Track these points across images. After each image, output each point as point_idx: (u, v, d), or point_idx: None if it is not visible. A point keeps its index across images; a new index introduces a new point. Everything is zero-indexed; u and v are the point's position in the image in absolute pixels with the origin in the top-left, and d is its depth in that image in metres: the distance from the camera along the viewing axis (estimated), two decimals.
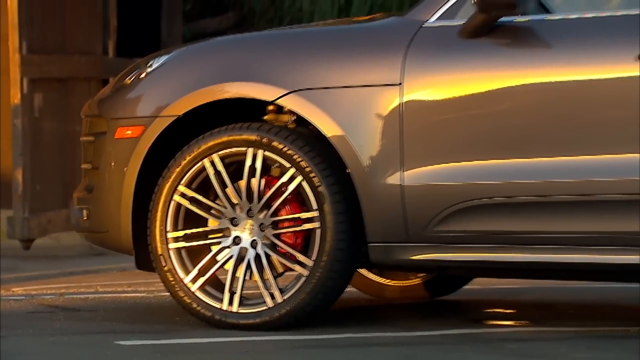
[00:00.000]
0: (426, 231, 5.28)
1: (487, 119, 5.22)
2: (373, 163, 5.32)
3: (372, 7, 10.50)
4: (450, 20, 5.34)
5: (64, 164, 8.91)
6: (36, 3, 8.74)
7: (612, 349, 5.12)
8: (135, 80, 5.76)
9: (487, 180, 5.19)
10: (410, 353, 5.08)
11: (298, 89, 5.42)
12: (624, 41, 5.10)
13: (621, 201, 5.05)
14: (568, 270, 5.28)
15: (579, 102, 5.13)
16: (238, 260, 5.45)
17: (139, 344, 5.25)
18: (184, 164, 5.48)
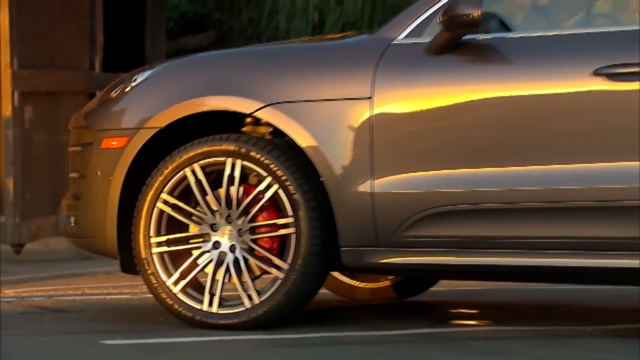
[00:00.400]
0: (395, 236, 5.29)
1: (452, 131, 5.23)
2: (345, 172, 5.32)
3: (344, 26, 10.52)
4: (417, 38, 5.35)
5: (53, 172, 8.89)
6: (27, 21, 8.73)
7: (566, 347, 5.13)
8: (120, 94, 5.75)
9: (452, 188, 5.19)
10: (380, 351, 5.08)
11: (274, 102, 5.42)
12: (581, 58, 5.12)
13: (577, 208, 5.07)
14: (528, 272, 5.29)
15: (539, 114, 5.14)
16: (217, 264, 5.44)
17: (124, 343, 5.23)
18: (166, 173, 5.48)
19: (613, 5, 5.96)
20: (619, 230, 5.02)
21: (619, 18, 5.85)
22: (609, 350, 5.06)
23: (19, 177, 8.65)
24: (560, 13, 5.76)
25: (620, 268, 5.07)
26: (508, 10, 5.47)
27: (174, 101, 5.55)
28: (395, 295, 6.42)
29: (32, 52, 8.83)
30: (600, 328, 5.57)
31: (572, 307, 6.35)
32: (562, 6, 5.82)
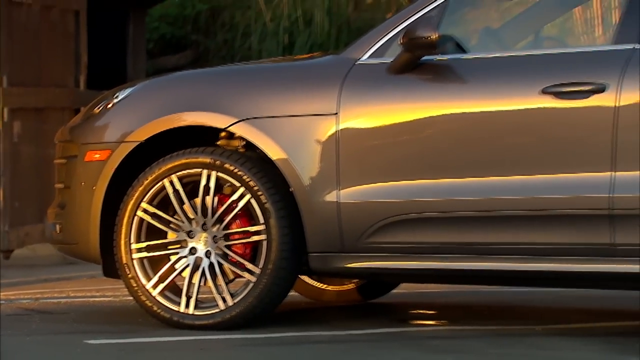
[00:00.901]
0: (359, 242, 5.29)
1: (411, 144, 5.24)
2: (313, 183, 5.32)
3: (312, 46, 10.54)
4: (380, 58, 5.36)
5: (39, 183, 8.86)
6: (16, 42, 8.71)
7: (517, 345, 5.15)
8: (103, 109, 5.74)
9: (412, 198, 5.20)
10: (345, 349, 5.09)
11: (247, 118, 5.42)
12: (530, 77, 5.13)
13: (525, 216, 5.09)
14: (481, 276, 5.30)
15: (492, 129, 5.15)
16: (194, 269, 5.43)
17: (106, 343, 5.22)
18: (146, 184, 5.47)
19: (559, 29, 6.02)
20: (565, 236, 5.04)
21: (565, 41, 5.90)
22: (555, 348, 5.08)
23: (8, 187, 8.62)
24: (511, 36, 5.80)
25: (564, 272, 5.09)
26: (463, 33, 5.49)
27: (154, 116, 5.54)
28: (359, 297, 6.42)
29: (20, 71, 8.81)
30: (547, 327, 5.59)
31: (522, 308, 6.37)
32: (513, 30, 5.86)
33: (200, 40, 12.04)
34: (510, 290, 6.71)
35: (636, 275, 5.02)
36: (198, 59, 11.91)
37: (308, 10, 10.77)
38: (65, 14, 9.30)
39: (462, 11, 5.59)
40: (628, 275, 5.02)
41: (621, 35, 5.10)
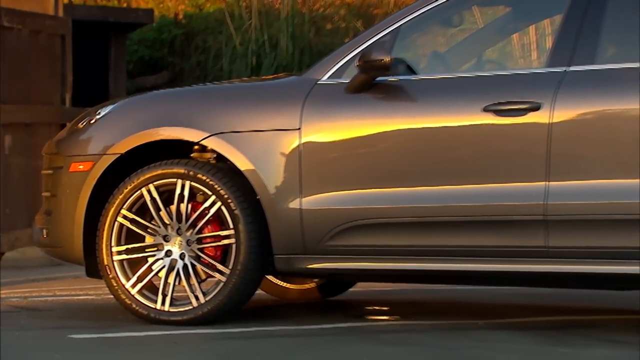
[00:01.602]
0: (320, 245, 5.30)
1: (366, 157, 5.25)
2: (278, 191, 5.32)
3: (277, 68, 10.55)
4: (338, 79, 5.37)
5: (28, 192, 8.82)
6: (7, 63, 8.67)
7: (462, 338, 5.17)
8: (86, 125, 5.72)
9: (366, 205, 5.21)
10: (307, 342, 5.09)
11: (218, 133, 5.42)
12: (473, 96, 5.15)
13: (468, 222, 5.10)
14: (430, 275, 5.32)
15: (438, 143, 5.16)
16: (169, 269, 5.42)
17: (88, 337, 5.20)
18: (125, 192, 5.45)
19: (499, 53, 6.06)
20: (504, 239, 5.07)
21: (504, 64, 5.94)
22: (495, 340, 5.10)
23: (1, 195, 8.57)
24: (456, 59, 5.83)
25: (503, 272, 5.12)
26: (413, 57, 5.52)
27: (133, 131, 5.53)
28: (319, 295, 6.43)
29: (11, 90, 8.77)
30: (489, 321, 5.62)
31: (466, 304, 6.40)
32: (458, 54, 5.89)
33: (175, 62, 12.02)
34: (455, 288, 6.75)
35: (567, 275, 5.06)
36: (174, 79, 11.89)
37: (274, 35, 10.78)
38: (52, 38, 9.27)
39: (412, 37, 5.61)
40: (560, 274, 5.06)
41: (554, 59, 5.13)
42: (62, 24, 9.37)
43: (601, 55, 5.09)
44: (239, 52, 10.89)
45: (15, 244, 8.74)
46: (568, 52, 5.08)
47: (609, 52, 5.14)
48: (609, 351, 4.87)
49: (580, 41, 5.09)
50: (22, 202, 8.84)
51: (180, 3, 12.77)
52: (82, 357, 4.82)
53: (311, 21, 10.97)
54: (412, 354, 4.82)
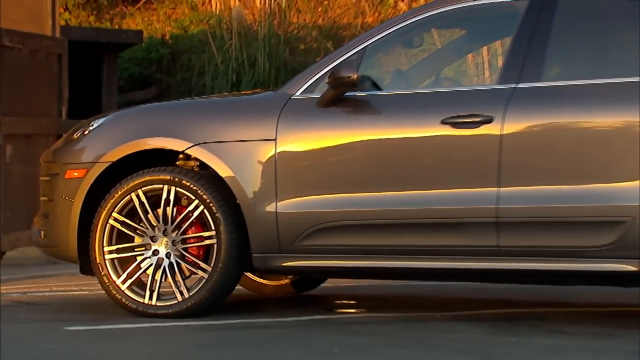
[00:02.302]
0: (293, 245, 5.29)
1: (335, 165, 5.25)
2: (255, 196, 5.32)
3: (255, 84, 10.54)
4: (310, 94, 5.37)
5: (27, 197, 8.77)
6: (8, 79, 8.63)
7: (421, 328, 5.17)
8: (80, 135, 5.71)
9: (335, 209, 5.21)
10: (281, 333, 5.09)
11: (201, 143, 5.40)
12: (432, 110, 5.16)
13: (428, 223, 5.11)
14: (393, 272, 5.33)
15: (400, 152, 5.17)
16: (156, 267, 5.41)
17: (82, 329, 5.18)
18: (116, 197, 5.44)
19: (455, 71, 6.09)
20: (460, 239, 5.09)
21: (460, 81, 5.97)
22: (451, 331, 5.11)
23: (2, 199, 8.52)
24: (417, 77, 5.85)
25: (458, 269, 5.13)
26: (378, 74, 5.53)
27: (123, 141, 5.51)
28: (293, 290, 6.43)
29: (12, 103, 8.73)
30: (445, 314, 5.63)
31: (425, 298, 6.41)
32: (418, 72, 5.92)
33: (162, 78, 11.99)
34: (416, 283, 6.75)
35: (517, 271, 5.07)
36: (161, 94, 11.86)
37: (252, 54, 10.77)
38: (50, 57, 9.24)
39: (377, 56, 5.63)
40: (511, 271, 5.07)
41: (504, 77, 5.14)
42: (59, 44, 9.34)
43: (546, 74, 5.11)
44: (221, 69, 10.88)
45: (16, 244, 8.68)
46: (517, 70, 5.10)
47: (553, 71, 5.17)
48: (554, 340, 4.89)
49: (528, 61, 5.11)
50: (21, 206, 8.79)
51: (167, 25, 12.75)
52: (76, 347, 4.79)
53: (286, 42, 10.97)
54: (377, 343, 4.83)
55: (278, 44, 10.76)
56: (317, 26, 11.72)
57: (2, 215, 8.55)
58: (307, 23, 11.79)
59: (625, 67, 5.03)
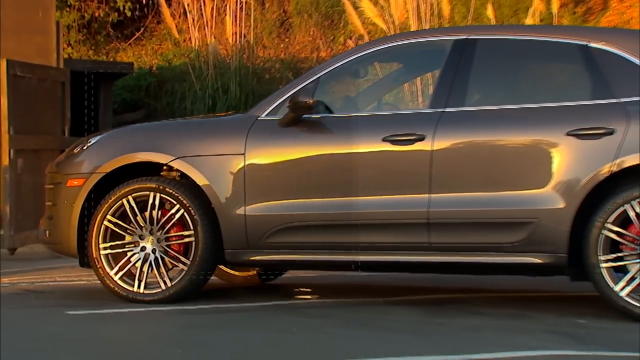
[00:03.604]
0: (259, 242, 5.27)
1: (295, 175, 5.24)
2: (227, 201, 5.30)
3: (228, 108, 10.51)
4: (273, 116, 5.35)
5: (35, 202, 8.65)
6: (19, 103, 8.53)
7: (366, 311, 5.18)
8: (80, 150, 5.66)
9: (294, 211, 5.20)
10: (249, 315, 5.08)
11: (182, 156, 5.37)
12: (375, 130, 5.16)
13: (370, 224, 5.11)
14: (344, 264, 5.31)
15: (348, 165, 5.17)
16: (144, 261, 5.38)
17: (81, 313, 5.14)
18: (110, 202, 5.40)
19: (394, 97, 6.11)
20: (397, 237, 5.09)
21: (398, 105, 5.99)
22: (392, 313, 5.13)
23: (14, 204, 8.42)
24: (363, 102, 5.86)
25: (397, 261, 5.14)
26: (331, 99, 5.53)
27: (116, 155, 5.47)
28: (259, 280, 6.40)
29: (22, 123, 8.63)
30: (387, 299, 5.64)
31: (370, 286, 6.41)
32: (364, 98, 5.92)
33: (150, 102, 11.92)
34: (361, 274, 6.75)
35: (445, 263, 5.10)
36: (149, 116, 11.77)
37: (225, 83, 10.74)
38: (55, 84, 9.16)
39: (330, 84, 5.63)
40: (440, 263, 5.10)
41: (434, 102, 5.17)
42: (63, 74, 9.27)
43: (468, 100, 5.15)
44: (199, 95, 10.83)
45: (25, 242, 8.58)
46: (444, 97, 5.13)
47: (474, 98, 5.21)
48: (475, 321, 4.91)
49: (453, 90, 5.14)
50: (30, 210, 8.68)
51: (154, 58, 12.70)
52: (76, 328, 4.76)
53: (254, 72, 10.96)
54: (328, 324, 4.83)
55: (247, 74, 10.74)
56: (280, 59, 11.73)
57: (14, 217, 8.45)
58: (272, 57, 11.79)
59: (531, 96, 5.09)
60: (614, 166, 4.81)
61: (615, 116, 4.86)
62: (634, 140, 4.78)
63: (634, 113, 4.84)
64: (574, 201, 4.84)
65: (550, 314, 5.06)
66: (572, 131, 4.89)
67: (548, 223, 4.86)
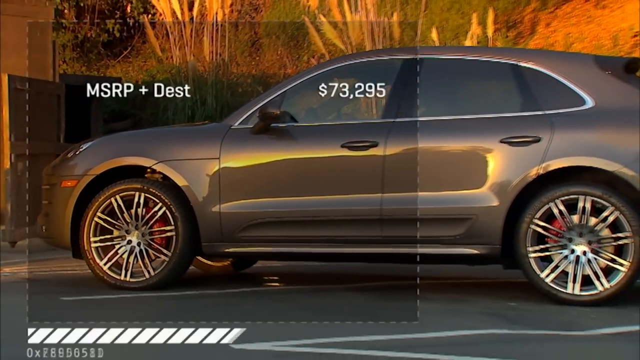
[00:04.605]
0: (233, 236, 5.24)
1: (263, 177, 5.22)
2: (204, 200, 5.26)
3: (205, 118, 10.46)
4: (245, 125, 5.33)
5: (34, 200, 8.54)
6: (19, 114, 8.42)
7: (328, 297, 5.18)
8: (73, 155, 5.59)
9: (263, 209, 5.18)
10: (224, 300, 5.07)
11: (164, 160, 5.33)
12: (335, 137, 5.16)
13: (330, 220, 5.10)
14: (307, 255, 5.30)
15: (310, 168, 5.16)
16: (130, 253, 5.33)
17: (74, 299, 5.09)
18: (100, 200, 5.34)
19: (351, 109, 6.11)
20: (354, 231, 5.09)
21: (355, 116, 5.99)
22: (347, 297, 5.14)
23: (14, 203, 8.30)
24: (324, 112, 5.85)
25: (354, 253, 5.14)
26: (295, 110, 5.52)
27: (105, 159, 5.42)
28: (233, 269, 6.37)
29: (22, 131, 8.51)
30: (348, 285, 5.62)
31: (329, 275, 6.40)
32: (325, 109, 5.91)
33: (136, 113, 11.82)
34: (323, 264, 6.75)
35: (396, 255, 5.11)
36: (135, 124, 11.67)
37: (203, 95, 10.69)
38: (51, 97, 9.06)
39: (295, 97, 5.62)
40: (391, 254, 5.10)
41: (386, 113, 5.19)
42: (58, 87, 9.17)
43: (416, 112, 5.16)
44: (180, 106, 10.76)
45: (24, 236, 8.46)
46: (395, 109, 5.15)
47: (421, 109, 5.23)
48: (421, 304, 4.91)
49: (403, 102, 5.16)
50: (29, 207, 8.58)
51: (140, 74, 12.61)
52: (70, 312, 4.71)
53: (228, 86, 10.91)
54: (292, 308, 4.83)
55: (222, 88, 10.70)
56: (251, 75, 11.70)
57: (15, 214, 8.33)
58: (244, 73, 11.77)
59: (470, 108, 5.13)
60: (540, 169, 4.86)
61: (541, 126, 4.91)
62: (558, 147, 4.84)
63: (558, 123, 4.90)
64: (506, 200, 4.88)
65: (486, 298, 5.09)
66: (505, 139, 4.94)
67: (484, 219, 4.90)
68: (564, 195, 4.83)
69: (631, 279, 4.75)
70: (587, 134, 4.83)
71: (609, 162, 4.76)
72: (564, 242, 4.85)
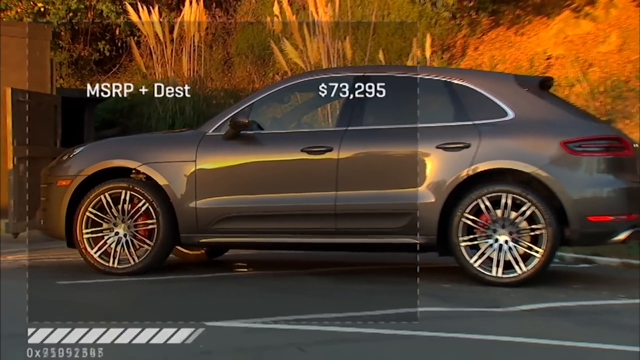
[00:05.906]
0: (207, 228, 5.19)
1: (233, 177, 5.18)
2: (182, 197, 5.19)
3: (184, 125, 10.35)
4: (218, 132, 5.28)
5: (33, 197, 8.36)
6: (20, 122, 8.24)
7: (290, 281, 5.15)
8: (67, 157, 5.47)
9: (233, 205, 5.14)
10: (199, 284, 5.00)
11: (147, 162, 5.25)
12: (295, 143, 5.15)
13: (292, 214, 5.08)
14: (273, 245, 5.27)
15: (274, 170, 5.13)
16: (117, 243, 5.24)
17: (69, 283, 4.99)
18: (91, 197, 5.24)
19: (310, 118, 6.09)
20: (312, 224, 5.07)
21: (313, 124, 5.97)
22: (309, 281, 5.11)
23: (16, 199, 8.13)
24: (287, 122, 5.82)
25: (312, 243, 5.13)
26: (262, 119, 5.48)
27: (96, 161, 5.32)
28: (207, 257, 6.29)
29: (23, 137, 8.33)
30: (306, 271, 5.60)
31: (293, 262, 6.37)
32: (288, 119, 5.89)
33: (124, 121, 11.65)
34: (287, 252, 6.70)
35: (349, 244, 5.10)
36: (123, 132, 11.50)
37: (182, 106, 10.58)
38: (49, 107, 8.90)
39: (261, 108, 5.58)
40: (344, 244, 5.10)
41: (340, 122, 5.20)
42: (55, 99, 9.01)
43: (365, 121, 5.17)
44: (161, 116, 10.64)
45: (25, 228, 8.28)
46: (347, 118, 5.15)
47: (369, 119, 5.24)
48: (369, 286, 4.93)
49: (354, 113, 5.16)
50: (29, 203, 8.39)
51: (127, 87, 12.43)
52: (65, 295, 4.62)
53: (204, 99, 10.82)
54: (260, 290, 4.79)
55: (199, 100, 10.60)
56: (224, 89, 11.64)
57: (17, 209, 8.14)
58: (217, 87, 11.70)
59: (411, 118, 5.15)
60: (470, 171, 4.90)
61: (470, 134, 4.95)
62: (484, 152, 4.89)
63: (484, 132, 4.95)
64: (441, 197, 4.91)
65: (424, 280, 5.11)
66: (440, 145, 4.97)
67: (423, 213, 4.92)
68: (490, 193, 4.89)
69: (545, 263, 4.84)
70: (509, 141, 4.90)
71: (527, 165, 4.83)
72: (489, 233, 4.90)
